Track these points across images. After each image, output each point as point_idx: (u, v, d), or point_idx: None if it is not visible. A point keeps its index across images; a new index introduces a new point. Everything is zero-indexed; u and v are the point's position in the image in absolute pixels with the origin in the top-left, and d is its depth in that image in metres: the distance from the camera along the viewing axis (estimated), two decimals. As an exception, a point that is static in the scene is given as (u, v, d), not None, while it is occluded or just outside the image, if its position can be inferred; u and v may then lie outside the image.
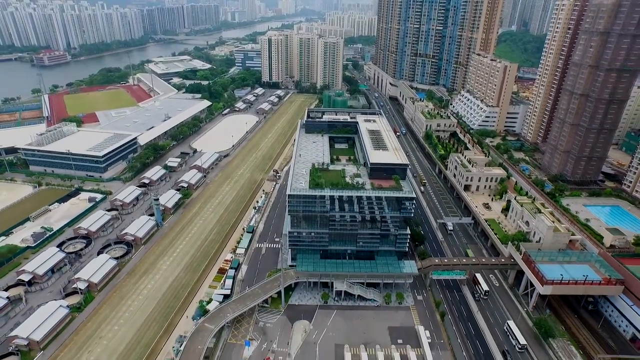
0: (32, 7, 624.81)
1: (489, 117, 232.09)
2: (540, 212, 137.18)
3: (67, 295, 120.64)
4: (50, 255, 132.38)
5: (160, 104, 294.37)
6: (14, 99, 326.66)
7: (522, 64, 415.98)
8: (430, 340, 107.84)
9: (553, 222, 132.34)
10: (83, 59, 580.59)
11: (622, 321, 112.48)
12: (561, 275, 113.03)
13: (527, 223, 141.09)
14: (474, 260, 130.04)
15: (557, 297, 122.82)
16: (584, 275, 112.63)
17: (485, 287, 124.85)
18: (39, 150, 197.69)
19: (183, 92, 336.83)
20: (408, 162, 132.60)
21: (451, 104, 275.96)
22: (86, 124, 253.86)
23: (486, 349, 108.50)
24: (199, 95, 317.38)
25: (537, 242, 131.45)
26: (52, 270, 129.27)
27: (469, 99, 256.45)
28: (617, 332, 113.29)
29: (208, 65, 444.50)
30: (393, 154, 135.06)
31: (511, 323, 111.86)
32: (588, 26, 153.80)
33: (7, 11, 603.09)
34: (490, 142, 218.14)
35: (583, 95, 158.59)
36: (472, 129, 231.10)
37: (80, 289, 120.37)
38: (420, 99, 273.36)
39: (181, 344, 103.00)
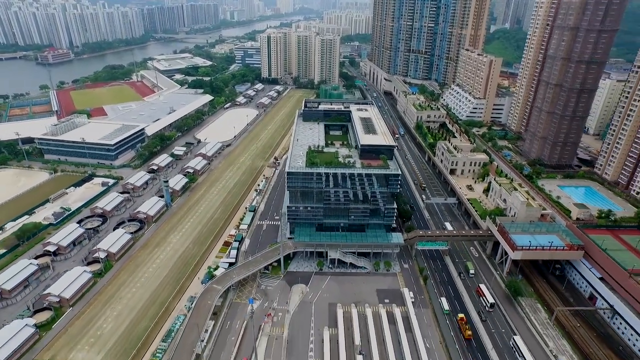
0: (35, 7, 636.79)
1: (476, 108, 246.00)
2: (515, 190, 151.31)
3: (89, 264, 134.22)
4: (71, 231, 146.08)
5: (164, 98, 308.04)
6: (23, 95, 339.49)
7: (515, 61, 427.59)
8: (413, 300, 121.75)
9: (527, 198, 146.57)
10: (86, 57, 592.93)
11: (582, 282, 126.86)
12: (529, 242, 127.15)
13: (504, 201, 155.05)
14: (455, 232, 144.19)
15: (529, 263, 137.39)
16: (549, 242, 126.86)
17: (490, 299, 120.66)
18: (53, 140, 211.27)
19: (186, 88, 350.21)
20: (395, 144, 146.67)
21: (442, 98, 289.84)
22: (94, 117, 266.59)
23: (463, 307, 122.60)
24: (201, 91, 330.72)
25: (512, 216, 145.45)
26: (73, 243, 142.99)
27: (458, 92, 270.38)
28: (578, 292, 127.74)
29: (209, 62, 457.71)
30: (382, 137, 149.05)
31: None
32: (560, 22, 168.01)
33: (10, 10, 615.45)
34: (477, 131, 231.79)
35: (557, 85, 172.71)
36: (460, 119, 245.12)
37: (100, 258, 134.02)
38: (413, 93, 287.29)
39: (192, 302, 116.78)
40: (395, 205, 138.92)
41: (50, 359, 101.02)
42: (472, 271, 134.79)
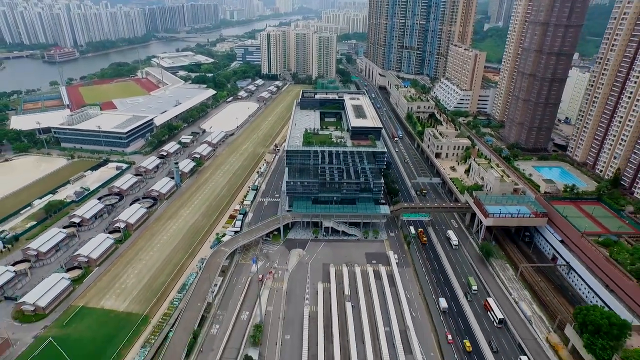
0: (40, 7, 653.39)
1: (462, 99, 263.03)
2: (492, 168, 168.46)
3: (110, 233, 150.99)
4: (92, 205, 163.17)
5: (170, 92, 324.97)
6: (34, 90, 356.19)
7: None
8: (397, 261, 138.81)
9: (501, 175, 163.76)
10: (90, 56, 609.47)
11: (547, 246, 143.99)
12: (500, 210, 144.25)
13: (482, 178, 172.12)
14: (436, 204, 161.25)
15: (501, 231, 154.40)
16: (517, 210, 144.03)
17: (499, 314, 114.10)
18: (70, 129, 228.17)
19: (190, 83, 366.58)
20: (382, 126, 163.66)
21: (432, 91, 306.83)
22: (105, 110, 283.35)
23: (441, 266, 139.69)
24: (205, 86, 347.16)
25: (487, 191, 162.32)
26: (95, 217, 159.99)
27: (447, 85, 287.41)
28: (543, 254, 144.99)
29: (211, 60, 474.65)
30: (371, 121, 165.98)
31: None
32: (533, 18, 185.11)
33: (17, 10, 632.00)
34: (463, 120, 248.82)
35: (531, 75, 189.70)
36: (448, 110, 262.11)
37: (120, 228, 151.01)
38: (405, 87, 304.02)
39: (203, 262, 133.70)
40: (382, 181, 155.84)
41: (85, 304, 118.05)
42: (474, 288, 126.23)
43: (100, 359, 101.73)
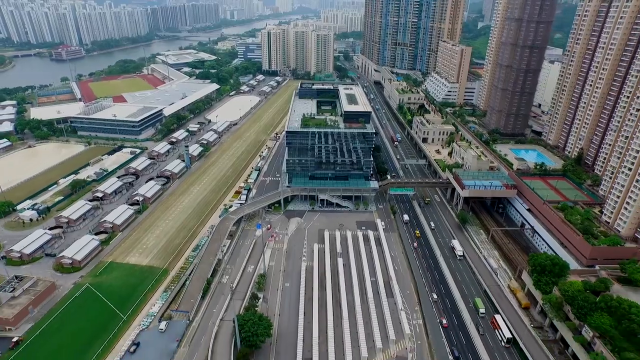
0: (46, 7, 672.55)
1: (450, 91, 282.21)
2: (471, 148, 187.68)
3: (130, 205, 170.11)
4: (112, 183, 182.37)
5: (176, 86, 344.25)
6: (46, 86, 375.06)
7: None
8: (384, 227, 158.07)
9: (479, 155, 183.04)
10: (96, 54, 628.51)
11: (516, 214, 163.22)
12: (475, 183, 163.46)
13: (462, 158, 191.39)
14: (420, 180, 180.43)
15: (478, 203, 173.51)
16: (490, 183, 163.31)
17: (507, 334, 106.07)
18: (86, 118, 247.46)
19: (194, 79, 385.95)
20: (371, 110, 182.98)
21: (423, 85, 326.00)
22: (116, 103, 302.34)
23: (423, 232, 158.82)
24: (209, 81, 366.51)
25: (466, 168, 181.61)
26: (115, 192, 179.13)
27: (436, 79, 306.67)
28: (513, 222, 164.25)
29: (214, 57, 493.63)
30: (362, 106, 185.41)
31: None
32: (509, 14, 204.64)
33: (24, 11, 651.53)
34: (450, 110, 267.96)
35: (508, 67, 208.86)
36: (437, 101, 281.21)
37: (138, 200, 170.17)
38: (398, 80, 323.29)
39: (213, 228, 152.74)
40: (372, 159, 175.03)
41: (113, 260, 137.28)
42: (482, 310, 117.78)
43: (129, 299, 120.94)
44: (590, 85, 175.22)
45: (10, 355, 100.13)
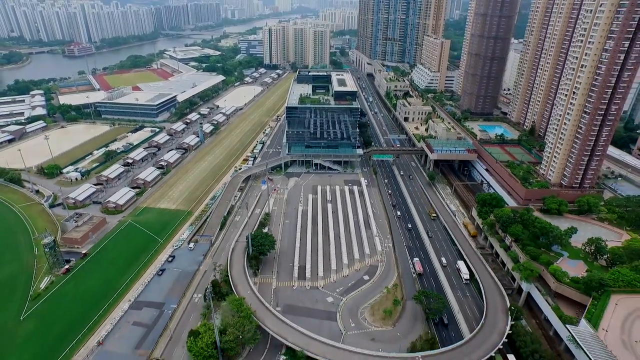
0: (57, 7, 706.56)
1: (432, 79, 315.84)
2: (442, 123, 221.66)
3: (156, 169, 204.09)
4: (139, 152, 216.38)
5: (186, 77, 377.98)
6: (66, 78, 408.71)
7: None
8: (367, 183, 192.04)
9: (449, 128, 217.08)
10: (105, 51, 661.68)
11: (477, 174, 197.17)
12: (442, 148, 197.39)
13: (435, 131, 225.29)
14: (399, 147, 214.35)
15: (447, 167, 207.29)
16: (454, 148, 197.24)
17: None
18: (111, 103, 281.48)
19: (202, 72, 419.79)
20: (357, 89, 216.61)
21: (410, 75, 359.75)
22: (133, 91, 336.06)
23: (399, 188, 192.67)
24: (215, 73, 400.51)
25: (437, 138, 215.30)
26: (142, 160, 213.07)
27: (421, 69, 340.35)
28: (475, 180, 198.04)
29: (218, 53, 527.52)
30: (350, 87, 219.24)
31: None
32: (477, 9, 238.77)
33: (36, 10, 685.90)
34: (431, 96, 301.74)
35: (477, 55, 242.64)
36: (420, 88, 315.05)
37: (163, 165, 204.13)
38: (387, 72, 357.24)
39: (226, 184, 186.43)
40: (358, 130, 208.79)
41: (147, 206, 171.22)
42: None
43: (163, 230, 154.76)
44: (540, 69, 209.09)
45: (84, 261, 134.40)
